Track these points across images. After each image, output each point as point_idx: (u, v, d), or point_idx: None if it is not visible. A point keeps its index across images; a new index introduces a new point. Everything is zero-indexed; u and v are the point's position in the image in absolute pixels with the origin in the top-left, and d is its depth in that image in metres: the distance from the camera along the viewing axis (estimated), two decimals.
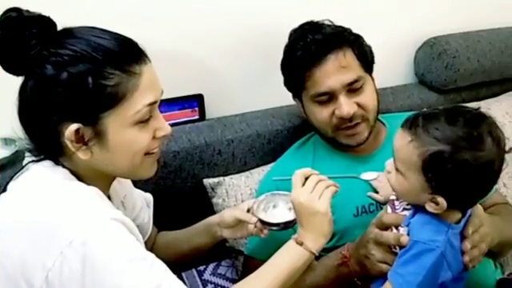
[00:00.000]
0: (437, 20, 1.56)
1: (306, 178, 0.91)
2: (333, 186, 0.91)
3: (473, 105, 1.46)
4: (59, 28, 0.78)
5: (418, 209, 0.85)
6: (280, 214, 1.00)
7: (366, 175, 0.99)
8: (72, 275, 0.69)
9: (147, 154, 0.82)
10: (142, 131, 0.79)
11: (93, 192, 0.77)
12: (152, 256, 0.75)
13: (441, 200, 0.80)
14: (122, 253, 0.72)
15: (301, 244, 0.87)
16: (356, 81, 1.06)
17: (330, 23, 1.12)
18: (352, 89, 1.07)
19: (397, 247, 0.87)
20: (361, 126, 1.09)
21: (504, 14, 1.66)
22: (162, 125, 0.83)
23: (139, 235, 0.79)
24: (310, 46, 1.06)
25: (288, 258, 0.87)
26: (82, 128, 0.76)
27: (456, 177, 0.78)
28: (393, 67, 1.56)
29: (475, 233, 0.87)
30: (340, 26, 1.12)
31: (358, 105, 1.07)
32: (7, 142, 1.14)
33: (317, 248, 0.88)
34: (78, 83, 0.74)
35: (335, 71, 1.05)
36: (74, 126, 0.75)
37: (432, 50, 1.51)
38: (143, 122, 0.79)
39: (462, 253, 0.85)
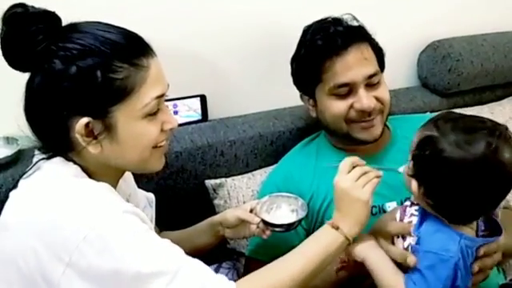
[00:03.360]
0: (440, 23, 1.56)
1: (354, 167, 0.90)
2: (375, 179, 0.89)
3: (475, 111, 1.46)
4: (64, 24, 0.78)
5: (425, 215, 0.85)
6: (283, 215, 1.00)
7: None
8: (89, 269, 0.69)
9: (155, 147, 0.83)
10: (151, 124, 0.80)
11: (104, 187, 0.78)
12: (168, 241, 0.76)
13: (414, 183, 0.82)
14: (139, 241, 0.72)
15: (337, 228, 0.86)
16: (375, 74, 1.07)
17: (349, 17, 1.12)
18: (370, 83, 1.07)
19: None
20: (377, 118, 1.09)
21: (508, 18, 1.66)
22: (169, 118, 0.84)
23: (152, 225, 0.80)
24: (332, 37, 1.06)
25: (323, 241, 0.86)
26: (92, 122, 0.76)
27: (430, 164, 0.79)
28: (396, 70, 1.56)
29: (488, 257, 0.85)
30: (357, 21, 1.13)
31: (377, 99, 1.07)
32: (9, 140, 1.14)
33: (352, 234, 0.87)
34: (87, 77, 0.74)
35: (357, 63, 1.05)
36: (84, 120, 0.75)
37: (435, 53, 1.51)
38: (151, 114, 0.80)
39: None
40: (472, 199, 0.79)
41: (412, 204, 0.90)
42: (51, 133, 0.79)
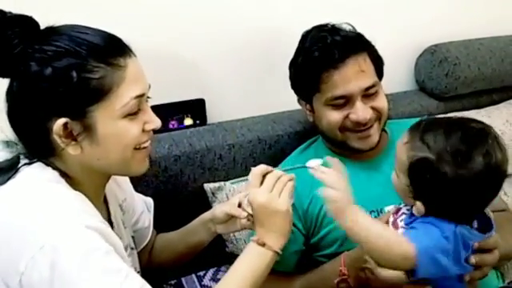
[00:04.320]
0: (438, 27, 1.57)
1: (263, 176, 0.89)
2: (290, 182, 0.89)
3: (473, 115, 1.46)
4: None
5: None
6: None
7: (311, 162, 0.94)
8: (41, 281, 0.68)
9: (138, 148, 0.82)
10: (131, 124, 0.79)
11: (74, 197, 0.77)
12: (127, 268, 0.73)
13: (419, 205, 0.80)
14: (94, 263, 0.70)
15: (263, 245, 0.86)
16: (373, 86, 1.07)
17: (347, 26, 1.11)
18: (368, 94, 1.07)
19: None
20: (373, 128, 1.09)
21: (504, 22, 1.67)
22: (152, 118, 0.83)
23: (118, 244, 0.77)
24: (329, 48, 1.04)
25: (253, 260, 0.86)
26: (70, 122, 0.76)
27: (433, 187, 0.77)
28: (394, 74, 1.55)
29: (489, 254, 0.84)
30: (355, 31, 1.12)
31: (373, 108, 1.07)
32: (9, 144, 1.13)
33: (279, 246, 0.87)
34: (62, 78, 0.74)
35: (354, 75, 1.04)
36: (61, 121, 0.75)
37: (433, 57, 1.52)
38: (132, 114, 0.79)
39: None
40: (473, 203, 0.80)
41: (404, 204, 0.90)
42: (32, 136, 0.79)
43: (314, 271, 1.07)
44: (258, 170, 0.90)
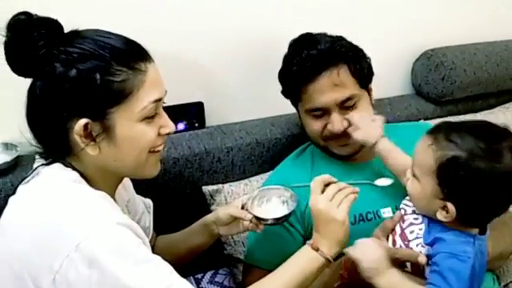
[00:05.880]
0: (434, 32, 1.58)
1: (326, 185, 0.91)
2: (352, 195, 0.91)
3: (469, 119, 1.47)
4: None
5: (431, 223, 0.85)
6: (274, 208, 1.01)
7: (381, 181, 1.01)
8: (79, 278, 0.70)
9: (152, 151, 0.84)
10: (148, 127, 0.82)
11: (100, 196, 0.79)
12: (158, 258, 0.77)
13: (451, 207, 0.80)
14: (128, 256, 0.73)
15: (316, 250, 0.88)
16: (349, 99, 1.07)
17: (327, 36, 1.11)
18: (345, 106, 1.08)
19: (407, 265, 0.87)
20: (352, 137, 1.09)
21: (500, 27, 1.69)
22: (167, 122, 0.86)
23: (145, 238, 0.80)
24: (304, 62, 1.07)
25: (303, 263, 0.88)
26: (91, 123, 0.77)
27: (468, 184, 0.78)
28: (390, 78, 1.58)
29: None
30: (339, 39, 1.12)
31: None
32: (8, 146, 1.14)
33: (332, 254, 0.89)
34: (86, 79, 0.76)
35: (328, 89, 1.06)
36: (82, 121, 0.77)
37: (429, 61, 1.53)
38: (149, 118, 0.81)
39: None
40: (501, 202, 0.82)
41: (410, 212, 0.90)
42: (51, 135, 0.80)
43: None
44: (320, 178, 0.92)
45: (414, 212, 0.90)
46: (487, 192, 0.78)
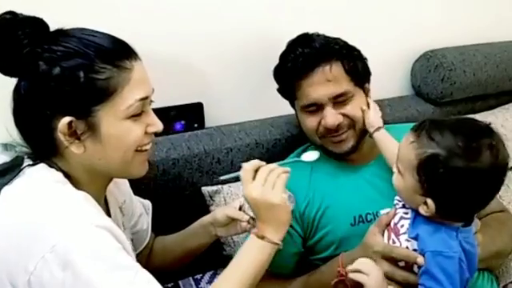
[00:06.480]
0: (434, 33, 1.59)
1: (256, 171, 0.90)
2: (283, 174, 0.90)
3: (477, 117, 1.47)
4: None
5: (417, 216, 0.86)
6: None
7: (307, 156, 1.04)
8: (52, 281, 0.69)
9: (138, 150, 0.83)
10: (135, 125, 0.81)
11: (82, 197, 0.77)
12: (137, 266, 0.75)
13: (430, 202, 0.82)
14: (105, 260, 0.71)
15: (262, 238, 0.87)
16: (342, 94, 1.08)
17: (322, 36, 1.13)
18: (338, 101, 1.08)
19: (402, 261, 0.88)
20: (347, 133, 1.10)
21: (499, 28, 1.69)
22: (154, 121, 0.85)
23: (126, 243, 0.78)
24: (298, 59, 1.08)
25: (253, 253, 0.87)
26: (75, 121, 0.77)
27: (447, 182, 0.79)
28: (390, 79, 1.58)
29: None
30: (333, 39, 1.12)
31: (344, 115, 1.09)
32: (7, 147, 1.14)
33: (279, 237, 0.88)
34: (70, 77, 0.76)
35: (321, 84, 1.07)
36: (66, 119, 0.76)
37: (428, 62, 1.53)
38: (135, 116, 0.81)
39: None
40: (481, 198, 0.83)
41: (400, 207, 0.91)
42: (37, 135, 0.80)
43: (312, 273, 1.08)
44: (249, 165, 0.91)
45: (404, 206, 0.91)
46: (465, 189, 0.80)
